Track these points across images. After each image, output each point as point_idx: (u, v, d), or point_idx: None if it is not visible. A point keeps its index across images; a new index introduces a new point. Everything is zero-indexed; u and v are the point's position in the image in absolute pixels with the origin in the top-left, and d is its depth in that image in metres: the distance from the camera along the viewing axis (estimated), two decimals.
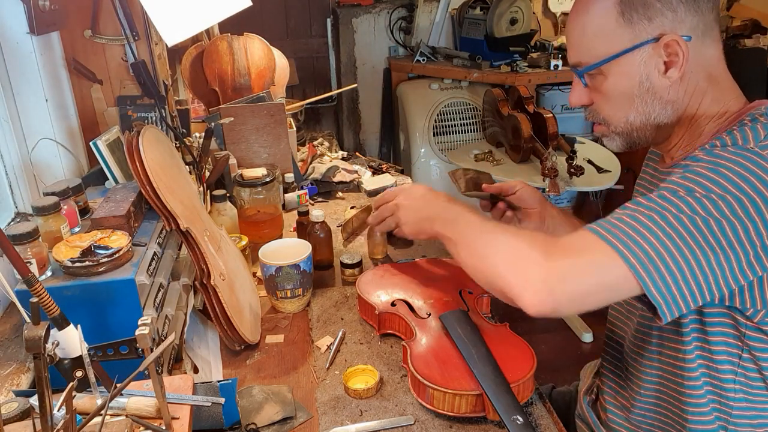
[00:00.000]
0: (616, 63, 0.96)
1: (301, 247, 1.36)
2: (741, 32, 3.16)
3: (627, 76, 0.97)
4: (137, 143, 1.06)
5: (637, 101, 0.98)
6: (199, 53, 2.07)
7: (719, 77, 0.98)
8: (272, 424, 1.03)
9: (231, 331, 1.17)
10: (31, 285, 0.82)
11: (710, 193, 0.83)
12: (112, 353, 0.88)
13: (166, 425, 0.84)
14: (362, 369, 1.13)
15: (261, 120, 1.89)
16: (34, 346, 0.71)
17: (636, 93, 0.97)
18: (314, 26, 3.66)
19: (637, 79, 0.97)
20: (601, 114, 1.03)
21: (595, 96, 1.02)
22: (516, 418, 0.94)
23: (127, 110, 1.63)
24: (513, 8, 3.10)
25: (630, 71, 0.96)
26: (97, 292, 1.00)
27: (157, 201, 1.08)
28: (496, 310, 1.29)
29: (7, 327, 1.19)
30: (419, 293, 1.27)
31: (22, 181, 1.44)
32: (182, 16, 1.36)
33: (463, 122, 3.31)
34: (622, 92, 0.98)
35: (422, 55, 3.33)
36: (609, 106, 1.01)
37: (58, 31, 1.58)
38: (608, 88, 0.99)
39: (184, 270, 1.30)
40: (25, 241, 1.00)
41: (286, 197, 1.86)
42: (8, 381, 1.04)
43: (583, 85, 1.03)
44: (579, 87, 1.04)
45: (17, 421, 0.88)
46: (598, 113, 1.04)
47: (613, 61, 0.96)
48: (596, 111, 1.04)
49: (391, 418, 1.03)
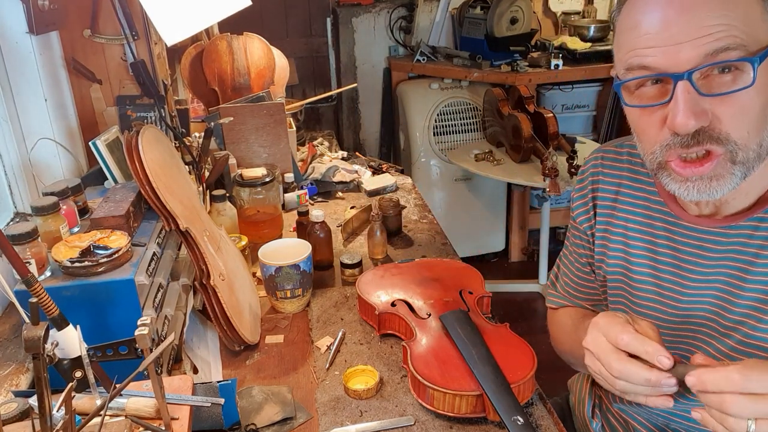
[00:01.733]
0: (766, 61, 0.72)
1: (301, 247, 1.35)
2: None
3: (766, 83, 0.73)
4: (136, 143, 1.06)
5: (767, 119, 0.75)
6: (198, 53, 2.07)
7: None
8: (272, 424, 1.03)
9: (231, 331, 1.17)
10: (31, 285, 0.82)
11: None
12: (112, 354, 0.88)
13: (166, 426, 0.84)
14: (362, 369, 1.13)
15: (261, 120, 1.89)
16: (34, 347, 0.71)
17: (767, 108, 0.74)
18: (314, 26, 3.65)
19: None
20: (731, 136, 0.74)
21: (721, 110, 0.74)
22: (516, 419, 0.94)
23: (126, 110, 1.62)
24: (513, 8, 3.10)
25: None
26: (96, 293, 0.99)
27: (156, 201, 1.08)
28: (496, 311, 1.29)
29: (7, 327, 1.18)
30: (419, 293, 1.27)
31: (21, 181, 1.43)
32: (182, 15, 1.36)
33: (463, 122, 3.31)
34: (761, 104, 0.74)
35: (422, 55, 3.32)
36: (745, 123, 0.74)
37: (58, 31, 1.58)
38: (748, 97, 0.73)
39: (184, 270, 1.29)
40: (24, 241, 1.00)
41: (285, 197, 1.86)
42: (7, 381, 1.03)
43: (696, 94, 0.73)
44: (692, 96, 0.73)
45: (16, 421, 0.87)
46: (717, 136, 0.75)
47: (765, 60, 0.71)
48: (716, 133, 0.75)
49: (391, 419, 1.02)
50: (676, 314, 0.93)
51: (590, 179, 1.06)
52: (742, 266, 0.85)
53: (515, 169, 2.82)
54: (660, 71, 0.75)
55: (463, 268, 1.40)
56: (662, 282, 0.95)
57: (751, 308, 0.85)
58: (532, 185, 2.79)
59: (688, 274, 0.91)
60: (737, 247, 0.85)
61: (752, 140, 0.75)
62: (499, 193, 3.44)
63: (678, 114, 0.73)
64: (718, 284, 0.88)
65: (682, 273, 0.92)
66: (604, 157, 1.05)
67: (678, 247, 0.92)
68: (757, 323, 0.85)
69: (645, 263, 0.97)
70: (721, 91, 0.73)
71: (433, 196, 3.36)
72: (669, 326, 0.94)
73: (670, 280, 0.94)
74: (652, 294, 0.96)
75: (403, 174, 2.15)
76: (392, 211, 1.66)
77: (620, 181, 1.01)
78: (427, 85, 3.33)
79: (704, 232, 0.88)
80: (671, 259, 0.93)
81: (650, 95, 0.79)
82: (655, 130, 0.79)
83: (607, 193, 1.03)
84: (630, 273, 0.99)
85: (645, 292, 0.97)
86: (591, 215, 1.06)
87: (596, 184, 1.05)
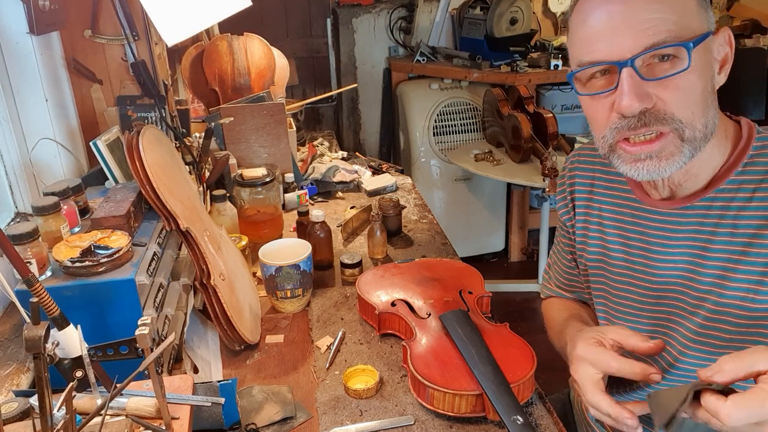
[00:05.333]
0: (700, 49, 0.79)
1: (301, 247, 1.36)
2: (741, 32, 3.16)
3: (707, 66, 0.81)
4: (137, 143, 1.06)
5: (709, 102, 0.82)
6: (199, 53, 2.07)
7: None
8: (272, 424, 1.03)
9: (231, 331, 1.17)
10: (31, 285, 0.82)
11: None
12: (112, 353, 0.88)
13: (166, 425, 0.84)
14: (362, 369, 1.13)
15: (261, 120, 1.89)
16: (34, 346, 0.71)
17: (708, 91, 0.82)
18: (314, 26, 3.65)
19: (709, 73, 0.82)
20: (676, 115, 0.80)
21: (664, 94, 0.80)
22: (516, 418, 0.94)
23: (127, 110, 1.63)
24: (513, 8, 3.10)
25: (707, 63, 0.81)
26: (96, 292, 0.99)
27: (156, 201, 1.08)
28: (496, 311, 1.29)
29: (7, 327, 1.19)
30: (419, 293, 1.27)
31: (22, 181, 1.43)
32: (182, 16, 1.36)
33: (463, 122, 3.31)
34: (702, 89, 0.81)
35: (422, 55, 3.32)
36: (687, 104, 0.80)
37: (58, 31, 1.58)
38: (688, 80, 0.79)
39: (184, 270, 1.30)
40: (25, 241, 1.00)
41: (286, 197, 1.86)
42: (8, 381, 1.03)
43: (639, 78, 0.80)
44: (635, 80, 0.80)
45: (17, 421, 0.88)
46: (663, 117, 0.81)
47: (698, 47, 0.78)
48: (661, 115, 0.81)
49: (391, 418, 1.03)
50: (650, 294, 0.99)
51: (568, 177, 1.14)
52: (702, 244, 0.91)
53: (515, 169, 2.82)
54: (605, 61, 0.82)
55: (462, 268, 1.40)
56: (634, 265, 1.01)
57: (713, 284, 0.91)
58: (532, 185, 2.80)
59: (655, 255, 0.97)
60: (695, 226, 0.91)
61: (697, 120, 0.81)
62: (498, 193, 3.44)
63: (624, 97, 0.80)
64: (682, 263, 0.94)
65: (650, 255, 0.98)
66: (579, 155, 1.12)
67: (645, 231, 0.98)
68: (719, 298, 0.90)
69: (618, 248, 1.03)
70: (662, 75, 0.80)
71: (433, 196, 3.36)
72: (644, 307, 1.00)
73: (640, 262, 0.99)
74: (626, 278, 1.02)
75: (403, 174, 2.16)
76: (392, 211, 1.66)
77: (593, 174, 1.08)
78: (427, 85, 3.34)
79: (665, 215, 0.94)
80: (640, 243, 0.99)
81: (599, 85, 0.86)
82: (604, 116, 0.86)
83: (583, 187, 1.09)
84: (607, 259, 1.05)
85: (620, 275, 1.03)
86: (570, 209, 1.13)
87: (573, 179, 1.12)
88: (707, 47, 0.82)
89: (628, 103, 0.80)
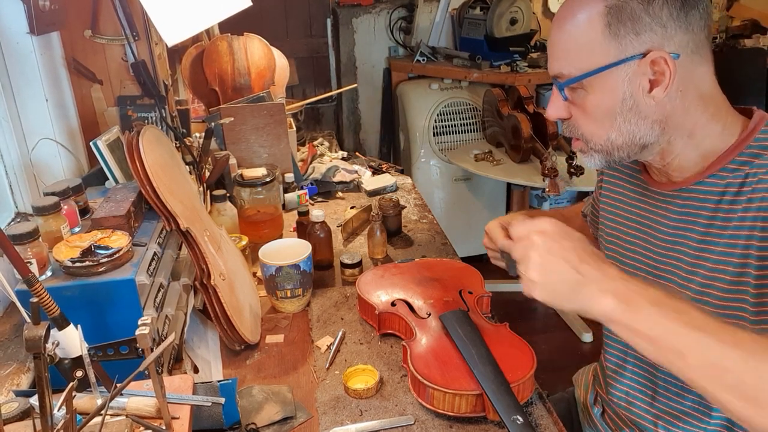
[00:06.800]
0: (599, 78, 0.91)
1: (301, 247, 1.36)
2: (741, 32, 3.16)
3: (610, 92, 0.92)
4: (137, 143, 1.06)
5: (620, 119, 0.93)
6: (199, 53, 2.07)
7: (713, 94, 0.94)
8: (272, 424, 1.03)
9: (231, 331, 1.17)
10: (32, 285, 0.82)
11: None
12: (112, 353, 0.88)
13: (166, 425, 0.84)
14: (362, 369, 1.14)
15: (261, 120, 1.89)
16: (34, 346, 0.71)
17: (618, 111, 0.93)
18: (314, 26, 3.65)
19: (620, 96, 0.92)
20: (580, 130, 0.98)
21: (575, 110, 0.97)
22: (516, 418, 0.94)
23: (127, 110, 1.63)
24: (513, 8, 3.10)
25: (614, 87, 0.91)
26: (97, 292, 1.00)
27: (157, 201, 1.08)
28: (496, 311, 1.29)
29: (8, 327, 1.19)
30: (419, 293, 1.27)
31: (22, 181, 1.44)
32: (182, 16, 1.36)
33: (463, 122, 3.31)
34: (605, 109, 0.93)
35: (422, 55, 3.33)
36: (589, 122, 0.96)
37: (58, 31, 1.58)
38: (590, 104, 0.94)
39: (184, 270, 1.30)
40: (26, 241, 1.00)
41: (286, 197, 1.86)
42: (8, 381, 1.04)
43: (562, 99, 0.97)
44: (558, 100, 0.98)
45: (17, 421, 0.88)
46: (576, 128, 0.98)
47: (596, 76, 0.91)
48: (575, 126, 0.99)
49: (391, 418, 1.03)
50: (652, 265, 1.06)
51: None
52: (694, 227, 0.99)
53: (515, 169, 2.82)
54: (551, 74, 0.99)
55: (462, 267, 1.40)
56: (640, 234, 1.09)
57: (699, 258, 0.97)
58: (532, 185, 2.80)
59: (654, 233, 1.05)
60: (690, 209, 0.99)
61: (601, 134, 0.96)
62: (498, 193, 3.44)
63: (548, 107, 1.01)
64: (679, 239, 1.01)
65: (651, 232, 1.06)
66: None
67: (647, 208, 1.08)
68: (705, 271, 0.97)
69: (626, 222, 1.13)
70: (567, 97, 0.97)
71: (433, 196, 3.36)
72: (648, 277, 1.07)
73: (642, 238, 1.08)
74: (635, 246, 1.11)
75: (403, 174, 2.16)
76: (392, 211, 1.66)
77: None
78: (427, 85, 3.34)
79: (664, 195, 1.04)
80: (643, 219, 1.09)
81: None
82: None
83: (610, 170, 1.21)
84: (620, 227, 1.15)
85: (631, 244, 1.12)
86: (600, 180, 1.23)
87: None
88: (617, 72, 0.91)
89: (549, 113, 1.00)
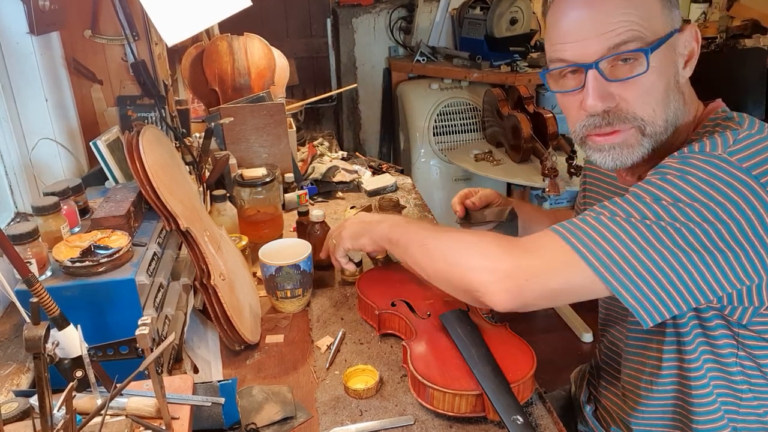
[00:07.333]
0: (659, 51, 0.85)
1: (301, 247, 1.36)
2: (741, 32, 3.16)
3: (666, 67, 0.87)
4: (137, 143, 1.06)
5: (671, 97, 0.89)
6: (199, 53, 2.07)
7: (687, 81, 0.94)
8: (272, 424, 1.03)
9: (231, 331, 1.17)
10: (31, 285, 0.82)
11: (677, 201, 0.81)
12: (112, 353, 0.88)
13: (166, 425, 0.84)
14: (362, 369, 1.13)
15: (261, 120, 1.89)
16: (34, 346, 0.71)
17: (671, 87, 0.89)
18: (314, 26, 3.66)
19: (672, 71, 0.88)
20: (636, 113, 0.88)
21: (625, 93, 0.88)
22: (516, 418, 0.94)
23: (127, 110, 1.63)
24: (513, 8, 3.10)
25: (669, 61, 0.87)
26: (97, 292, 0.99)
27: (157, 201, 1.08)
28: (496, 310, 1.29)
29: (7, 327, 1.19)
30: (419, 293, 1.27)
31: (22, 181, 1.44)
32: (182, 16, 1.36)
33: (463, 122, 3.31)
34: (663, 87, 0.87)
35: (422, 55, 3.33)
36: (648, 102, 0.87)
37: (58, 31, 1.58)
38: (648, 81, 0.86)
39: (184, 270, 1.30)
40: (25, 241, 1.00)
41: (286, 197, 1.86)
42: (8, 381, 1.04)
43: (603, 80, 0.87)
44: (599, 83, 0.87)
45: (17, 421, 0.88)
46: (625, 114, 0.88)
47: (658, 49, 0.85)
48: (623, 112, 0.88)
49: (391, 418, 1.03)
50: None
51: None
52: None
53: (515, 169, 2.82)
54: (574, 62, 0.89)
55: None
56: None
57: None
58: (532, 185, 2.80)
59: None
60: None
61: (658, 116, 0.89)
62: None
63: (588, 97, 0.88)
64: None
65: None
66: None
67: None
68: None
69: None
70: (623, 77, 0.87)
71: (433, 196, 3.36)
72: None
73: None
74: None
75: (403, 174, 2.15)
76: (392, 211, 1.66)
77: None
78: (427, 85, 3.34)
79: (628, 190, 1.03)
80: None
81: (570, 84, 0.93)
82: (575, 111, 0.94)
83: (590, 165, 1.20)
84: None
85: None
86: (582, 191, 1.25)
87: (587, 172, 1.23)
88: (670, 46, 0.88)
89: (591, 104, 0.88)
